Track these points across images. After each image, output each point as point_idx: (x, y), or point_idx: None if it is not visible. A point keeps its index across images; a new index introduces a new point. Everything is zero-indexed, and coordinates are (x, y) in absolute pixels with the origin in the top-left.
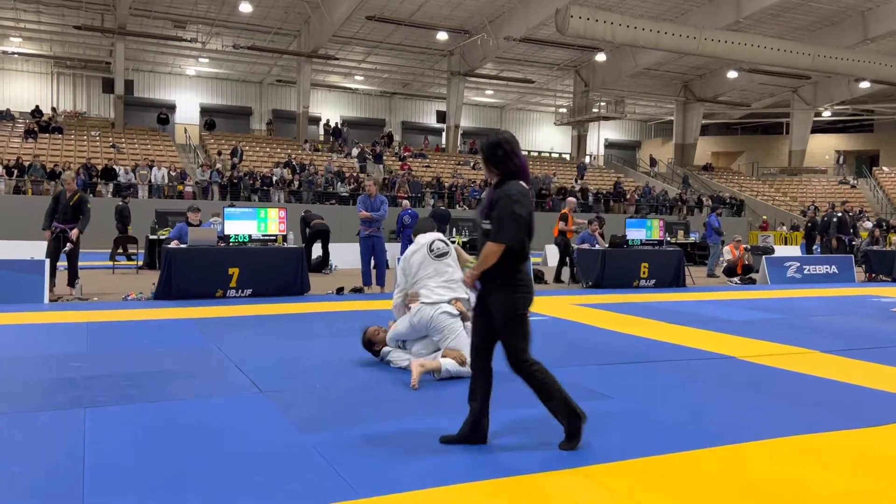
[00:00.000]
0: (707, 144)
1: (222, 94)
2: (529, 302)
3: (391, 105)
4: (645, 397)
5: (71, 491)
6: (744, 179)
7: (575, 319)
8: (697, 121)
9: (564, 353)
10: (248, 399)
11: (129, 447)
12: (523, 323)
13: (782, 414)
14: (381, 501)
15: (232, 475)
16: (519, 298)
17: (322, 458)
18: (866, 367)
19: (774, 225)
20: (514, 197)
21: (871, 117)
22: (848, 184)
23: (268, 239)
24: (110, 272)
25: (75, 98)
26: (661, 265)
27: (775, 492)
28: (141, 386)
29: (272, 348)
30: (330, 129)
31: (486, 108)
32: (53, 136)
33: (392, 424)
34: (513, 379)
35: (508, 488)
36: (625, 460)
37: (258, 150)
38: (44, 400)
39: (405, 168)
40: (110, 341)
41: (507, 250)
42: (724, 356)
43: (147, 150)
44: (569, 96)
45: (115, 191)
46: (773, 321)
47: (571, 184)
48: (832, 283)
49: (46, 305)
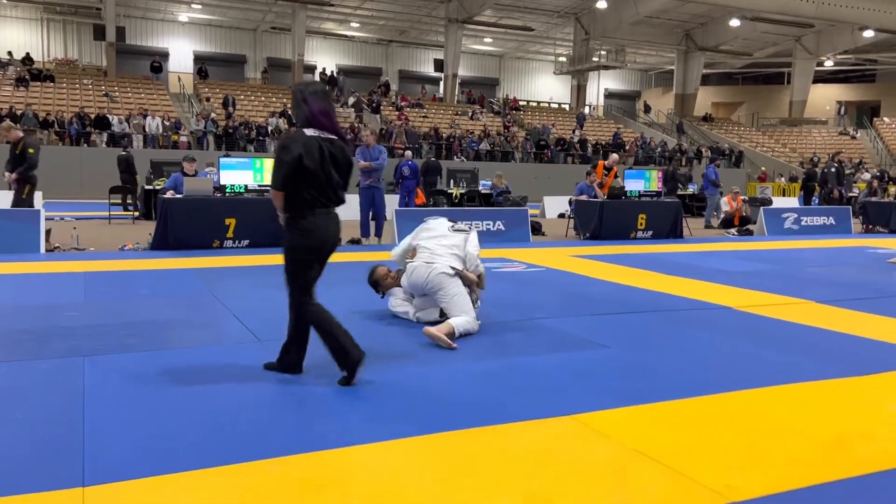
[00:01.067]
0: (707, 95)
1: (216, 42)
2: (310, 249)
3: (388, 53)
4: (641, 346)
5: (72, 437)
6: (743, 130)
7: (572, 271)
8: (698, 70)
9: (561, 304)
10: (247, 348)
11: (128, 395)
12: (302, 266)
13: (777, 362)
14: (381, 447)
15: (231, 421)
16: (297, 244)
17: (318, 404)
18: (860, 317)
19: (773, 176)
20: (282, 142)
21: (873, 67)
22: (848, 135)
23: (264, 189)
24: (106, 222)
25: (66, 45)
26: (659, 217)
27: (772, 437)
28: (139, 335)
29: (270, 298)
30: (326, 77)
31: (485, 57)
32: (45, 85)
33: (390, 373)
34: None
35: (503, 434)
36: (619, 408)
37: (253, 100)
38: (43, 349)
39: (402, 118)
40: (108, 291)
41: (291, 196)
42: (720, 306)
43: (141, 99)
44: (569, 45)
45: (110, 140)
46: (770, 272)
47: (570, 135)
48: (829, 235)
49: (43, 255)
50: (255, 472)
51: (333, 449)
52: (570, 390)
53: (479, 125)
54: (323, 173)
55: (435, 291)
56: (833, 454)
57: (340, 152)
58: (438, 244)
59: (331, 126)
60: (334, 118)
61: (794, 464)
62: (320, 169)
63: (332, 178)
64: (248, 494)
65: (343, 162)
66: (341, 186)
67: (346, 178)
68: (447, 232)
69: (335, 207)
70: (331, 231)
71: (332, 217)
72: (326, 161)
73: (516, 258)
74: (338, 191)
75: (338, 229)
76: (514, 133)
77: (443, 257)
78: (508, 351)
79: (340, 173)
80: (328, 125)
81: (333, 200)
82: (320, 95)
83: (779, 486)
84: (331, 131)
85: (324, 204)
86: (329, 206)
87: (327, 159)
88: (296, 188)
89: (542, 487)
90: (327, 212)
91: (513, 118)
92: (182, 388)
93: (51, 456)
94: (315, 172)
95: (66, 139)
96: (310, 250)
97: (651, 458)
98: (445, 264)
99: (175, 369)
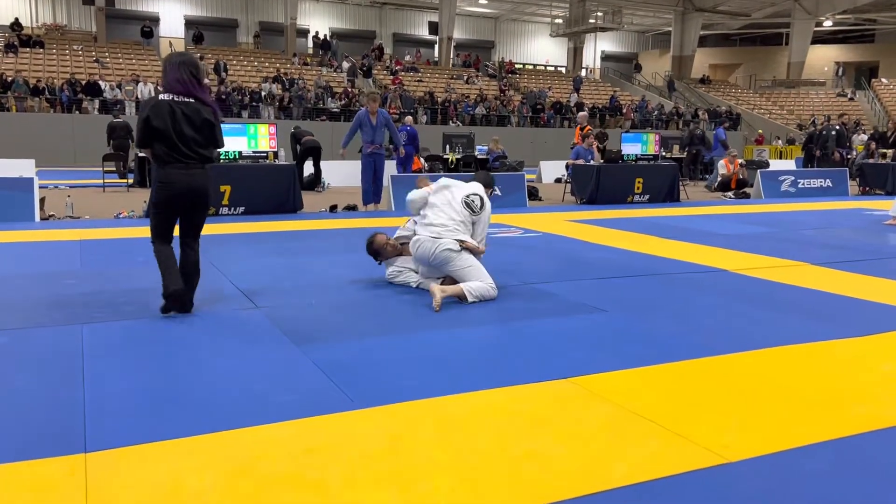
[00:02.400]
0: (704, 56)
1: (207, 6)
2: (164, 200)
3: (381, 16)
4: (638, 310)
5: (73, 404)
6: (740, 92)
7: (569, 235)
8: (696, 32)
9: (558, 269)
10: (244, 314)
11: (128, 361)
12: (155, 213)
13: (772, 324)
14: (379, 412)
15: (228, 387)
16: (153, 195)
17: (319, 370)
18: (855, 278)
19: (770, 139)
20: (141, 106)
21: (872, 27)
22: (846, 96)
23: (258, 156)
24: (101, 190)
25: (55, 10)
26: (656, 180)
27: (767, 398)
28: (137, 302)
29: (267, 265)
30: (319, 41)
31: (480, 19)
32: (35, 51)
33: (390, 338)
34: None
35: (502, 396)
36: (617, 370)
37: (246, 65)
38: (41, 316)
39: (397, 83)
40: (104, 259)
41: (152, 153)
42: (715, 269)
43: (132, 65)
44: (565, 6)
45: (102, 107)
46: (766, 234)
47: (567, 98)
48: (826, 197)
49: (38, 224)
50: (257, 437)
51: (334, 413)
52: (568, 354)
53: (475, 89)
54: (174, 132)
55: (443, 266)
56: (828, 414)
57: (195, 113)
58: (448, 215)
59: (184, 91)
60: (189, 84)
61: (790, 424)
62: (171, 128)
63: (186, 136)
64: (250, 459)
65: (198, 121)
66: (200, 144)
67: (205, 136)
68: (459, 207)
69: (197, 163)
70: (185, 184)
71: (192, 173)
72: (178, 121)
73: (513, 223)
74: (194, 147)
75: (199, 184)
76: (511, 97)
77: (448, 230)
78: (506, 316)
79: (197, 131)
80: (181, 90)
81: (189, 157)
82: (177, 65)
83: (774, 446)
84: (185, 95)
85: (177, 159)
86: (185, 162)
87: (179, 119)
88: (151, 146)
89: (540, 447)
90: (185, 166)
91: (509, 82)
92: (180, 355)
93: (52, 423)
94: (163, 131)
95: (57, 106)
96: (163, 200)
97: (648, 419)
98: (451, 238)
99: (173, 336)
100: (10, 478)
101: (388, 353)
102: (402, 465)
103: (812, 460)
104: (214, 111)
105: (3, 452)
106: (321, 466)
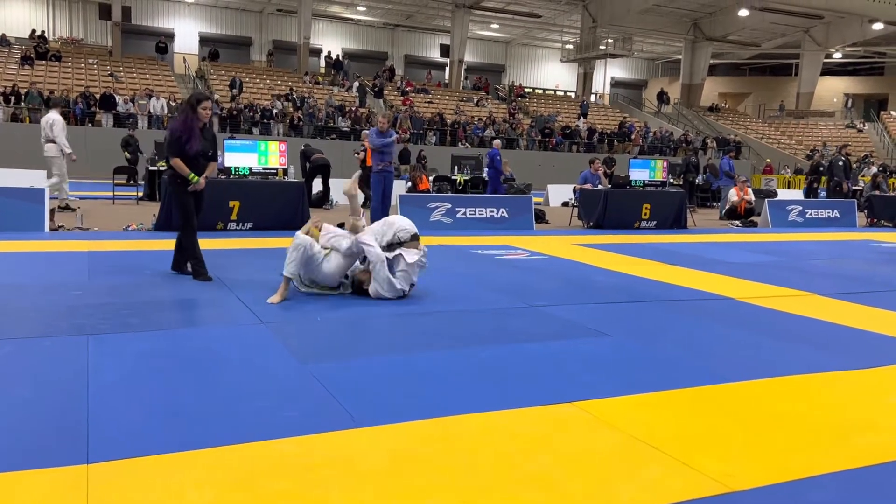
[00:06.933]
0: (714, 85)
1: (222, 24)
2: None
3: (394, 38)
4: (643, 335)
5: (76, 415)
6: (749, 121)
7: (575, 259)
8: (705, 60)
9: (564, 292)
10: (249, 329)
11: (133, 373)
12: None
13: (779, 354)
14: (381, 430)
15: (232, 402)
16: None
17: (322, 387)
18: (863, 310)
19: (778, 168)
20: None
21: (882, 60)
22: (855, 128)
23: (268, 172)
24: (111, 203)
25: (71, 24)
26: (663, 207)
27: (773, 427)
28: (143, 315)
29: (273, 280)
30: (331, 61)
31: (491, 43)
32: (51, 64)
33: (394, 356)
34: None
35: (505, 419)
36: (621, 396)
37: (258, 82)
38: (47, 327)
39: (407, 103)
40: (111, 271)
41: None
42: (722, 297)
43: (146, 80)
44: (576, 32)
45: (115, 121)
46: (773, 263)
47: (575, 123)
48: (834, 228)
49: (47, 234)
50: (259, 452)
51: (336, 431)
52: (572, 378)
53: (485, 112)
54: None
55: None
56: (834, 445)
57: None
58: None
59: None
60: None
61: (795, 454)
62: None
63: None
64: (251, 474)
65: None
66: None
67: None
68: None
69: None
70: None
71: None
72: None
73: (519, 245)
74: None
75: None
76: (520, 120)
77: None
78: (510, 338)
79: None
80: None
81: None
82: (195, 106)
83: (779, 476)
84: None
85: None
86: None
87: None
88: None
89: (542, 470)
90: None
91: (518, 105)
92: (185, 368)
93: (55, 433)
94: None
95: (71, 119)
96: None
97: (652, 445)
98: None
99: (178, 349)
100: (12, 487)
101: (391, 371)
102: (402, 484)
103: (817, 491)
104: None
105: (6, 461)
106: (322, 484)
